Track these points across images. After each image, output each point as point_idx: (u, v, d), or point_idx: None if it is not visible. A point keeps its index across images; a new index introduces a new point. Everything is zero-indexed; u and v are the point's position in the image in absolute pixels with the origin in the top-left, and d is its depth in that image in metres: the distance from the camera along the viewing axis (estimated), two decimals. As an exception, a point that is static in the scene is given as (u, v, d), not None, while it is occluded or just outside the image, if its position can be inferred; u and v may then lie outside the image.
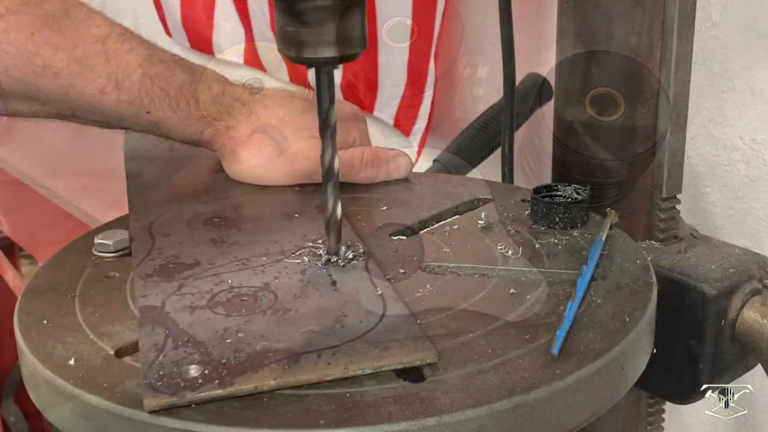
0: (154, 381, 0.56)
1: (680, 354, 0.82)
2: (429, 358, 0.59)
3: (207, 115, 0.87)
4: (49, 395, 0.60)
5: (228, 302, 0.67)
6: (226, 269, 0.73)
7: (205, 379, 0.56)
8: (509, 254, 0.74)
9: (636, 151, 0.86)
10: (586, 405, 0.59)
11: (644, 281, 0.69)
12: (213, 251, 0.76)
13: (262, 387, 0.56)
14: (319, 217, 0.82)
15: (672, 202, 0.88)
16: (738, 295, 0.81)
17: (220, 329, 0.63)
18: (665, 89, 0.84)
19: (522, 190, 0.89)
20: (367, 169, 0.93)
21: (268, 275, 0.71)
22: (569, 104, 0.89)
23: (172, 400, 0.55)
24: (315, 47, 0.67)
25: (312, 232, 0.79)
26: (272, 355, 0.59)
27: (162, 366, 0.58)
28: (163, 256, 0.75)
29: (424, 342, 0.61)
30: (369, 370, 0.58)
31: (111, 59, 0.81)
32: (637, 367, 0.64)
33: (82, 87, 0.80)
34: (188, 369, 0.58)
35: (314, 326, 0.63)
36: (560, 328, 0.61)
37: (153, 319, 0.64)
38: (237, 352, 0.59)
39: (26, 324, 0.66)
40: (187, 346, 0.60)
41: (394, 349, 0.60)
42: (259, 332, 0.62)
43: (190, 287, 0.69)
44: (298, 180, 0.92)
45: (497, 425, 0.54)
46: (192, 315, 0.65)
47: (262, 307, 0.66)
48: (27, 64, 0.78)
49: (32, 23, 0.78)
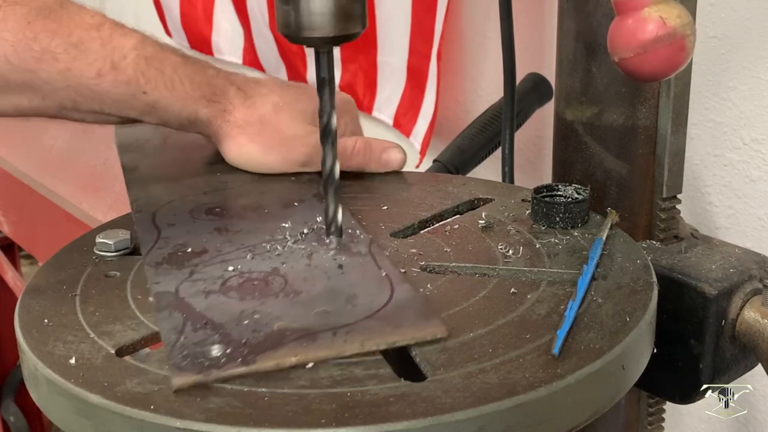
0: (179, 361, 0.58)
1: (680, 354, 0.82)
2: (440, 333, 0.61)
3: (202, 96, 0.88)
4: (49, 394, 0.60)
5: (240, 287, 0.69)
6: (233, 256, 0.75)
7: (228, 358, 0.58)
8: (510, 254, 0.74)
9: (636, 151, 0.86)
10: (586, 405, 0.59)
11: (645, 281, 0.69)
12: (219, 239, 0.78)
13: (284, 364, 0.58)
14: (318, 204, 0.84)
15: (672, 202, 0.88)
16: (738, 295, 0.81)
17: (236, 312, 0.65)
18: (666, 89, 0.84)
19: (522, 189, 0.89)
20: (358, 157, 0.94)
21: (276, 261, 0.73)
22: (569, 104, 0.89)
23: (199, 378, 0.57)
24: (314, 26, 0.67)
25: (312, 218, 0.81)
26: (289, 334, 0.61)
27: (184, 347, 0.60)
28: (170, 245, 0.77)
29: (434, 319, 0.63)
30: (383, 346, 0.60)
31: (106, 43, 0.83)
32: (637, 366, 0.64)
33: (80, 70, 0.82)
34: (210, 349, 0.60)
35: (327, 306, 0.65)
36: (561, 327, 0.61)
37: (169, 304, 0.66)
38: (255, 332, 0.62)
39: (27, 323, 0.66)
40: (206, 328, 0.62)
41: (406, 326, 0.62)
42: (274, 314, 0.64)
43: (201, 273, 0.71)
44: (295, 168, 0.92)
45: (497, 425, 0.54)
46: (207, 299, 0.67)
47: (274, 290, 0.68)
48: (25, 50, 0.80)
49: (29, 13, 0.81)
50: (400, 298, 0.66)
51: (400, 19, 1.49)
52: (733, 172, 1.07)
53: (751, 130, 1.04)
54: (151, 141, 1.03)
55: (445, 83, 1.48)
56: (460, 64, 1.48)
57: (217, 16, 2.06)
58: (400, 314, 0.64)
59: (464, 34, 1.45)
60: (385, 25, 1.54)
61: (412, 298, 0.66)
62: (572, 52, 0.87)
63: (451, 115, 1.51)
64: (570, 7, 0.86)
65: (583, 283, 0.67)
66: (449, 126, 1.48)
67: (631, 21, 0.67)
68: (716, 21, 1.04)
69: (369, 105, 1.64)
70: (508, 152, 1.07)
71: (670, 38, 0.66)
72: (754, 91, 1.03)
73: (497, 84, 1.11)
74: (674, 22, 0.66)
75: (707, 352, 0.81)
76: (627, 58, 0.68)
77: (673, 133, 0.85)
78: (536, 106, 1.20)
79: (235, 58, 2.05)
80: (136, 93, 0.84)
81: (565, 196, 0.82)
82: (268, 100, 0.91)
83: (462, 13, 1.44)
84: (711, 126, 1.08)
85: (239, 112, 0.90)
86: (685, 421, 1.18)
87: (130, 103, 0.85)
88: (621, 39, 0.68)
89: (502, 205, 0.85)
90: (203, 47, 2.14)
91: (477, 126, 1.16)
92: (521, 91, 1.15)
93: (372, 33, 1.56)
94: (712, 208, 1.10)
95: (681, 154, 0.87)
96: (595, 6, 0.83)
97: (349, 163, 0.93)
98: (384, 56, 1.58)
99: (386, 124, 1.61)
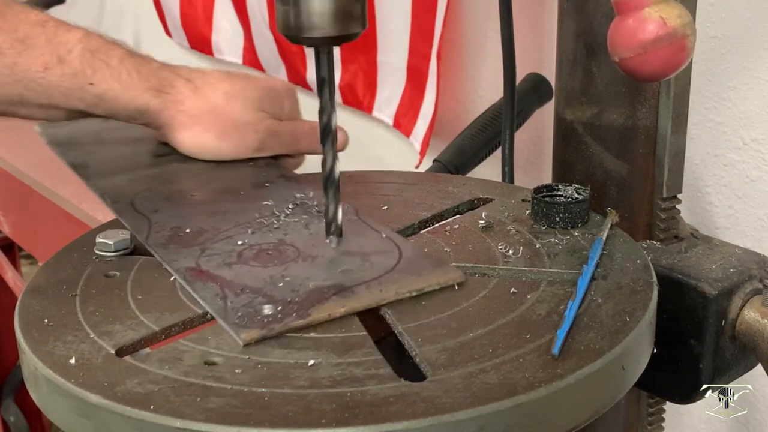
0: (238, 321, 0.61)
1: (681, 354, 0.82)
2: (459, 278, 0.68)
3: (150, 87, 0.89)
4: (49, 394, 0.60)
5: (257, 257, 0.72)
6: (235, 232, 0.77)
7: (282, 314, 0.62)
8: (510, 254, 0.74)
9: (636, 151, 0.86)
10: (586, 405, 0.59)
11: (645, 281, 0.69)
12: (211, 220, 0.80)
13: (335, 314, 0.63)
14: (289, 184, 0.88)
15: (672, 202, 0.88)
16: (738, 295, 0.81)
17: (266, 277, 0.68)
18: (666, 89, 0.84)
19: (522, 189, 0.89)
20: (307, 140, 0.97)
21: (278, 233, 0.77)
22: (569, 104, 0.89)
23: (263, 332, 0.60)
24: (314, 26, 0.67)
25: (291, 195, 0.85)
26: (327, 291, 0.65)
27: (236, 309, 0.63)
28: (167, 228, 0.78)
29: (449, 266, 0.69)
30: (415, 293, 0.66)
31: (51, 38, 0.85)
32: (637, 366, 0.64)
33: (27, 64, 0.84)
34: (262, 308, 0.63)
35: (347, 266, 0.70)
36: (561, 327, 0.61)
37: (199, 276, 0.68)
38: (295, 292, 0.65)
39: (27, 323, 0.66)
40: (247, 293, 0.65)
41: (427, 274, 0.68)
42: (303, 275, 0.68)
43: (212, 249, 0.74)
44: (249, 153, 0.95)
45: (497, 425, 0.54)
46: (232, 270, 0.70)
47: (291, 257, 0.72)
48: None
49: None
50: (408, 255, 0.71)
51: (400, 19, 1.49)
52: (733, 172, 1.07)
53: (751, 130, 1.04)
54: (87, 138, 1.04)
55: (445, 83, 1.48)
56: (460, 64, 1.48)
57: (217, 16, 2.06)
58: (417, 266, 0.69)
59: (464, 34, 1.45)
60: (385, 25, 1.54)
61: (420, 254, 0.72)
62: (572, 52, 0.87)
63: (451, 115, 1.51)
64: (570, 7, 0.86)
65: (583, 283, 0.67)
66: (449, 126, 1.48)
67: (631, 21, 0.67)
68: (716, 21, 1.04)
69: (369, 105, 1.64)
70: (508, 152, 1.07)
71: (671, 38, 0.66)
72: (754, 91, 1.03)
73: (497, 84, 1.11)
74: (674, 22, 0.66)
75: (707, 352, 0.81)
76: (627, 58, 0.68)
77: (673, 133, 0.85)
78: (536, 106, 1.20)
79: (235, 58, 2.05)
80: (83, 85, 0.86)
81: (565, 196, 0.82)
82: (217, 89, 0.93)
83: (462, 13, 1.44)
84: (711, 126, 1.08)
85: (191, 102, 0.92)
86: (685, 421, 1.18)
87: (78, 96, 0.87)
88: (621, 39, 0.68)
89: (502, 205, 0.85)
90: (203, 47, 2.14)
91: (477, 126, 1.16)
92: (521, 91, 1.14)
93: (372, 33, 1.56)
94: (712, 208, 1.10)
95: (681, 154, 0.87)
96: (595, 6, 0.83)
97: (299, 147, 0.97)
98: (384, 56, 1.58)
99: (386, 124, 1.61)
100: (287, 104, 0.99)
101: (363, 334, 0.62)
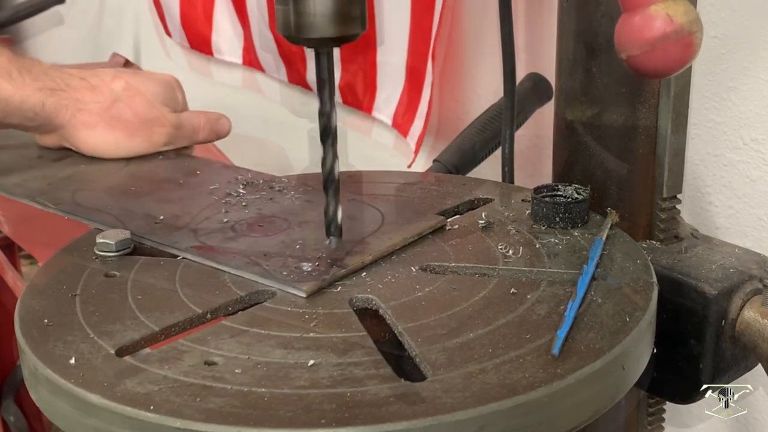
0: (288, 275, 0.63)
1: (681, 354, 0.82)
2: (443, 222, 0.76)
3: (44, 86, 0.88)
4: (49, 394, 0.60)
5: (252, 229, 0.73)
6: (209, 213, 0.78)
7: (324, 267, 0.64)
8: (510, 254, 0.74)
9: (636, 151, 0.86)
10: (586, 405, 0.59)
11: (645, 281, 0.69)
12: (171, 208, 0.80)
13: (366, 261, 0.68)
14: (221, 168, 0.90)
15: (672, 202, 0.88)
16: (738, 295, 0.81)
17: (278, 243, 0.70)
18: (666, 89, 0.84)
19: (522, 189, 0.89)
20: (205, 132, 1.00)
21: (251, 209, 0.78)
22: (569, 104, 0.89)
23: (320, 283, 0.64)
24: (314, 27, 0.67)
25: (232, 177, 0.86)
26: (347, 244, 0.68)
27: (278, 270, 0.64)
28: (139, 218, 0.78)
29: (431, 215, 0.76)
30: (416, 237, 0.74)
31: None
32: (637, 366, 0.64)
33: None
34: (301, 265, 0.65)
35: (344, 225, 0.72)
36: (561, 327, 0.61)
37: (215, 251, 0.69)
38: (316, 251, 0.68)
39: (27, 323, 0.66)
40: (274, 257, 0.67)
41: (419, 222, 0.75)
42: (312, 237, 0.70)
43: (204, 230, 0.74)
44: (159, 147, 0.96)
45: (497, 425, 0.54)
46: (239, 242, 0.71)
47: (284, 226, 0.74)
48: None
49: None
50: (390, 213, 0.76)
51: (400, 19, 1.49)
52: (733, 172, 1.07)
53: (751, 130, 1.04)
54: None
55: (445, 83, 1.48)
56: (460, 64, 1.48)
57: (217, 16, 2.06)
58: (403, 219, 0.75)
59: (464, 34, 1.45)
60: (385, 25, 1.54)
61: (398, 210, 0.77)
62: (572, 52, 0.87)
63: (451, 115, 1.50)
64: (570, 7, 0.86)
65: (583, 283, 0.67)
66: (449, 126, 1.48)
67: (638, 18, 0.67)
68: (716, 21, 1.04)
69: (369, 105, 1.64)
70: (508, 152, 1.07)
71: (678, 35, 0.66)
72: (754, 91, 1.03)
73: (497, 84, 1.11)
74: (681, 19, 0.66)
75: (707, 352, 0.81)
76: (635, 55, 0.68)
77: (673, 133, 0.85)
78: (536, 106, 1.20)
79: (235, 58, 2.05)
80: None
81: (565, 196, 0.82)
82: (116, 85, 0.93)
83: (462, 13, 1.44)
84: (711, 126, 1.08)
85: (90, 100, 0.91)
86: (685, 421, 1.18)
87: None
88: (628, 36, 0.68)
89: (502, 205, 0.85)
90: (203, 47, 2.13)
91: (477, 126, 1.16)
92: (521, 91, 1.14)
93: (371, 33, 1.56)
94: (712, 208, 1.10)
95: (681, 154, 0.87)
96: (596, 6, 0.83)
97: (198, 138, 1.00)
98: (383, 56, 1.58)
99: (385, 124, 1.61)
100: (180, 96, 1.00)
101: (363, 334, 0.62)
